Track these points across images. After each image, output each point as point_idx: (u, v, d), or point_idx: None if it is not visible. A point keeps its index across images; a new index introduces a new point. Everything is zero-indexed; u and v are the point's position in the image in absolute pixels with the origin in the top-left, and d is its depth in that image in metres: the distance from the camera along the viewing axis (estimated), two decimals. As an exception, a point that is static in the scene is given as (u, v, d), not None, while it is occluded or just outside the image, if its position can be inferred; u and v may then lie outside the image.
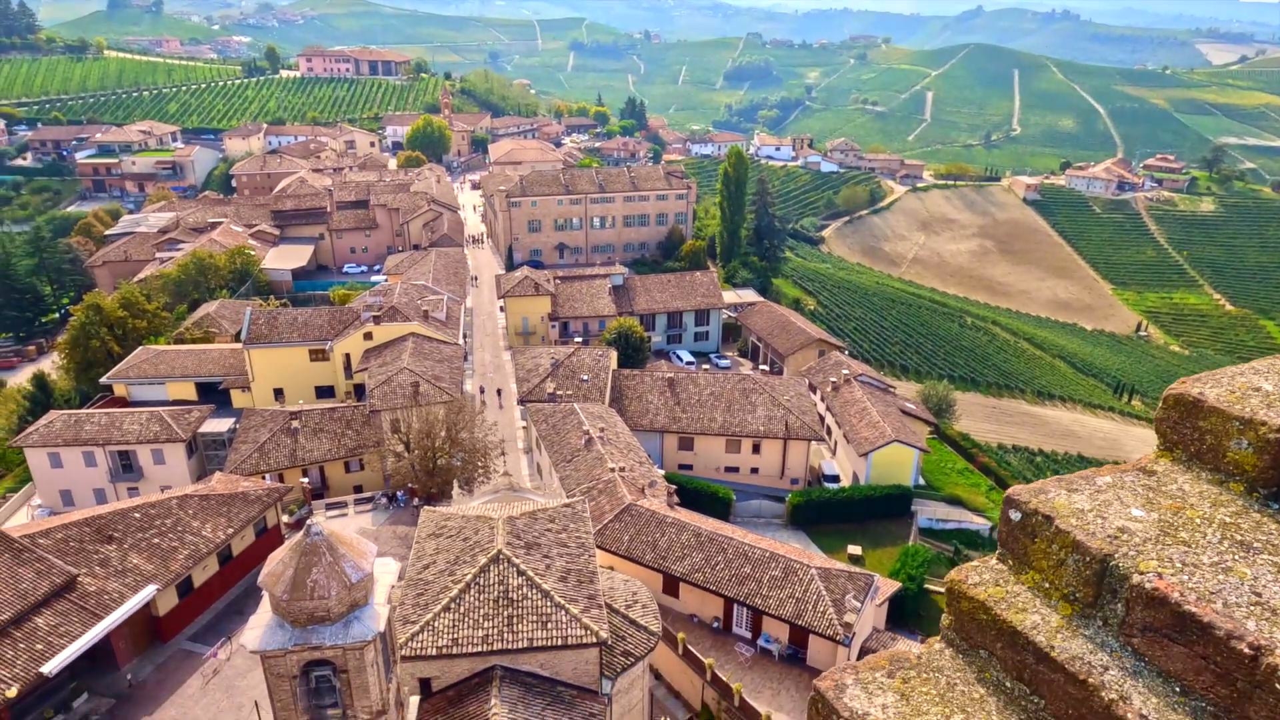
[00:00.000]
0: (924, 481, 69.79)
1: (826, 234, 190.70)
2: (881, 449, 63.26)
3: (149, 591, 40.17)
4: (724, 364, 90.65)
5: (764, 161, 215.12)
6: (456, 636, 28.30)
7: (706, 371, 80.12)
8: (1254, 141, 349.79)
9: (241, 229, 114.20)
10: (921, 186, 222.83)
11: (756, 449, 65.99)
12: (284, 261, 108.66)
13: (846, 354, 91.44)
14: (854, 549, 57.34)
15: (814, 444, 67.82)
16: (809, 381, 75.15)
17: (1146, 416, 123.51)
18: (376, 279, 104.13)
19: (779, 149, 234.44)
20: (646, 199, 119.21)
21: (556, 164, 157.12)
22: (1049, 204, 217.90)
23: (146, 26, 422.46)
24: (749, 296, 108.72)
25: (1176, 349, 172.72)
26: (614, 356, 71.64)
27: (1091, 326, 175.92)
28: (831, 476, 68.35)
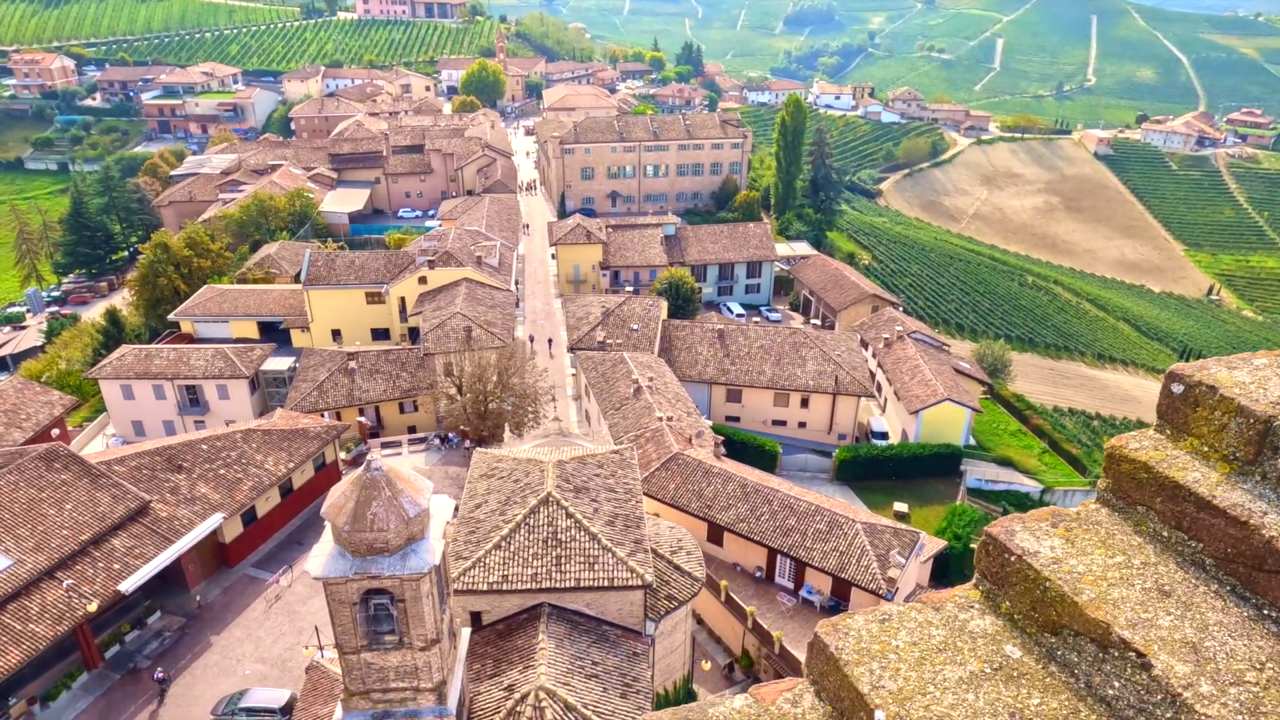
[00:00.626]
0: (974, 441, 68.84)
1: (884, 187, 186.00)
2: (932, 407, 62.50)
3: (216, 519, 42.17)
4: (775, 317, 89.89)
5: (822, 111, 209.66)
6: (506, 573, 29.21)
7: (757, 324, 79.57)
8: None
9: (300, 171, 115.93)
10: (986, 139, 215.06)
11: (805, 403, 65.74)
12: (341, 205, 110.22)
13: (901, 310, 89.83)
14: (900, 506, 57.17)
15: (863, 400, 67.27)
16: (861, 337, 74.21)
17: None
18: (431, 224, 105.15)
19: (838, 98, 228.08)
20: (701, 148, 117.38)
21: (610, 110, 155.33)
22: (1122, 159, 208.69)
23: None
24: (802, 249, 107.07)
25: (1250, 314, 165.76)
26: (664, 306, 71.56)
27: (1160, 289, 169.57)
28: (880, 433, 67.85)
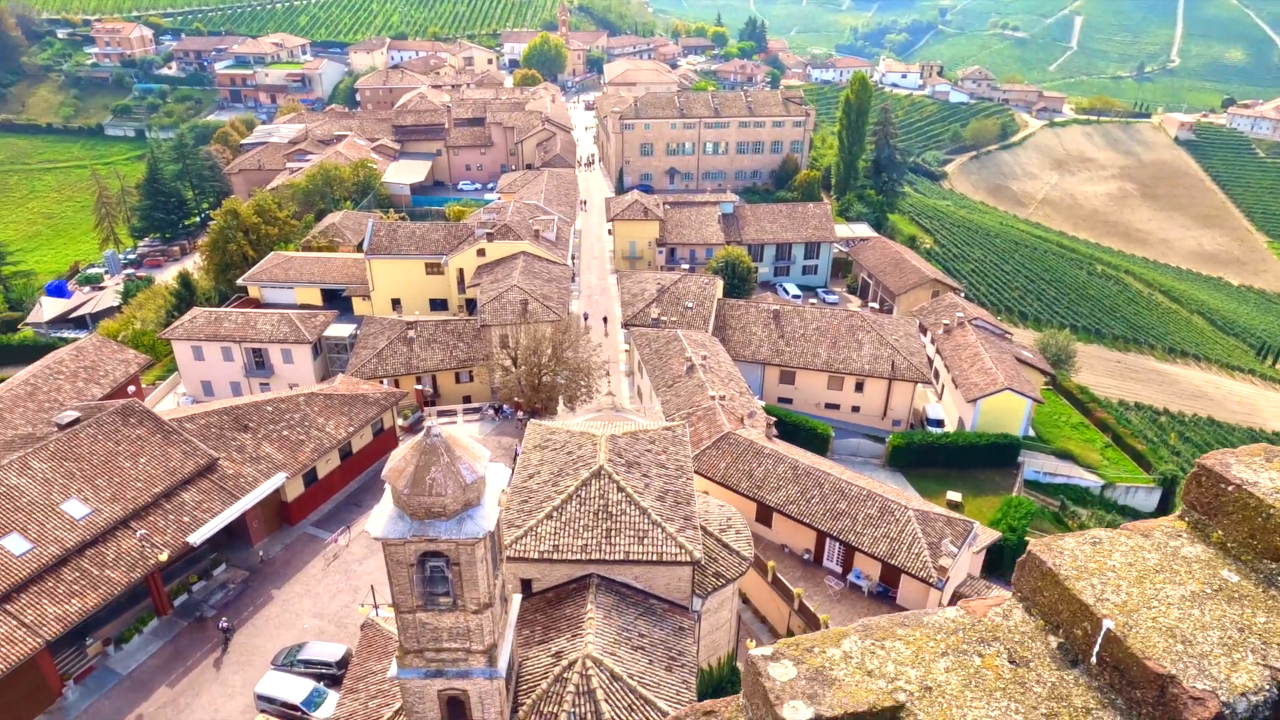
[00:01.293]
0: (1034, 433, 67.20)
1: (950, 169, 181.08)
2: (991, 396, 61.13)
3: (280, 478, 43.66)
4: (831, 299, 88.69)
5: (888, 89, 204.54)
6: (557, 543, 29.67)
7: (813, 306, 78.60)
8: None
9: (364, 142, 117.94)
10: (1060, 121, 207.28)
11: (859, 387, 64.92)
12: (403, 176, 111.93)
13: (962, 296, 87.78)
14: (953, 495, 56.16)
15: (919, 386, 66.12)
16: (920, 322, 72.77)
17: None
18: (490, 197, 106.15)
19: (905, 76, 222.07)
20: (762, 125, 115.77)
21: (671, 86, 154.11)
22: (1204, 145, 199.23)
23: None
24: (862, 231, 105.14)
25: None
26: (719, 285, 71.18)
27: (1239, 281, 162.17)
28: (935, 420, 66.68)
